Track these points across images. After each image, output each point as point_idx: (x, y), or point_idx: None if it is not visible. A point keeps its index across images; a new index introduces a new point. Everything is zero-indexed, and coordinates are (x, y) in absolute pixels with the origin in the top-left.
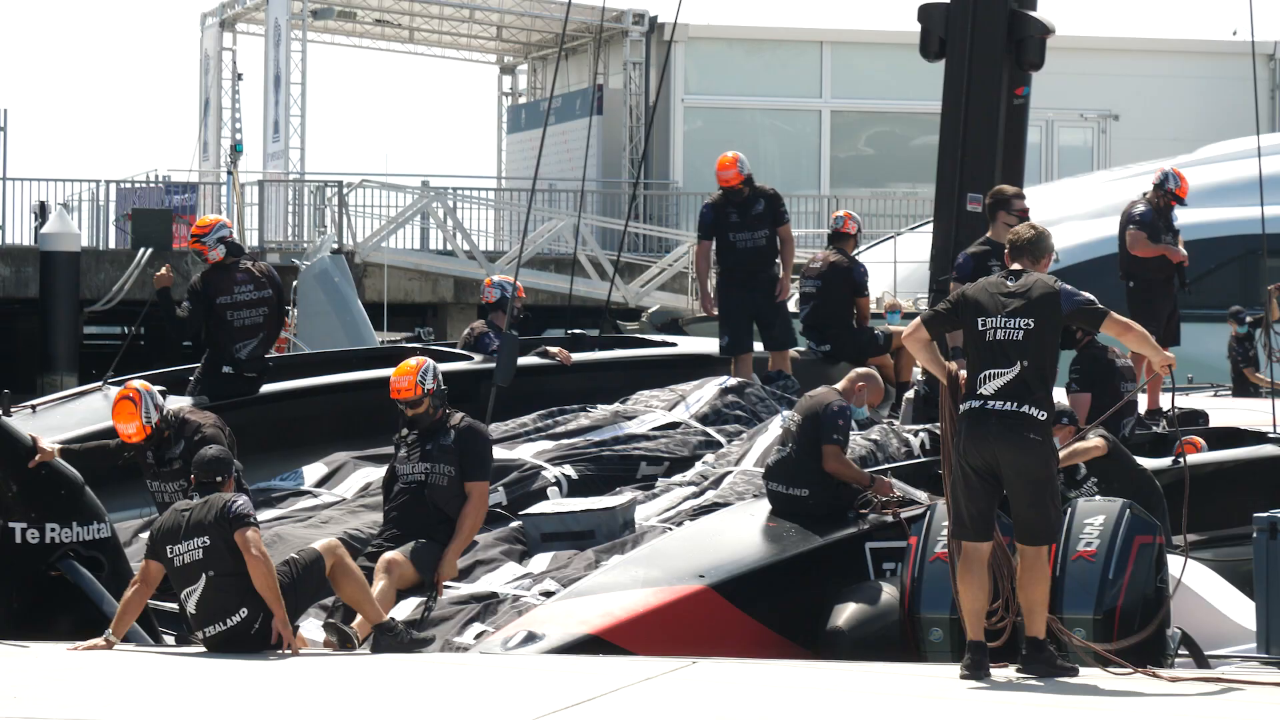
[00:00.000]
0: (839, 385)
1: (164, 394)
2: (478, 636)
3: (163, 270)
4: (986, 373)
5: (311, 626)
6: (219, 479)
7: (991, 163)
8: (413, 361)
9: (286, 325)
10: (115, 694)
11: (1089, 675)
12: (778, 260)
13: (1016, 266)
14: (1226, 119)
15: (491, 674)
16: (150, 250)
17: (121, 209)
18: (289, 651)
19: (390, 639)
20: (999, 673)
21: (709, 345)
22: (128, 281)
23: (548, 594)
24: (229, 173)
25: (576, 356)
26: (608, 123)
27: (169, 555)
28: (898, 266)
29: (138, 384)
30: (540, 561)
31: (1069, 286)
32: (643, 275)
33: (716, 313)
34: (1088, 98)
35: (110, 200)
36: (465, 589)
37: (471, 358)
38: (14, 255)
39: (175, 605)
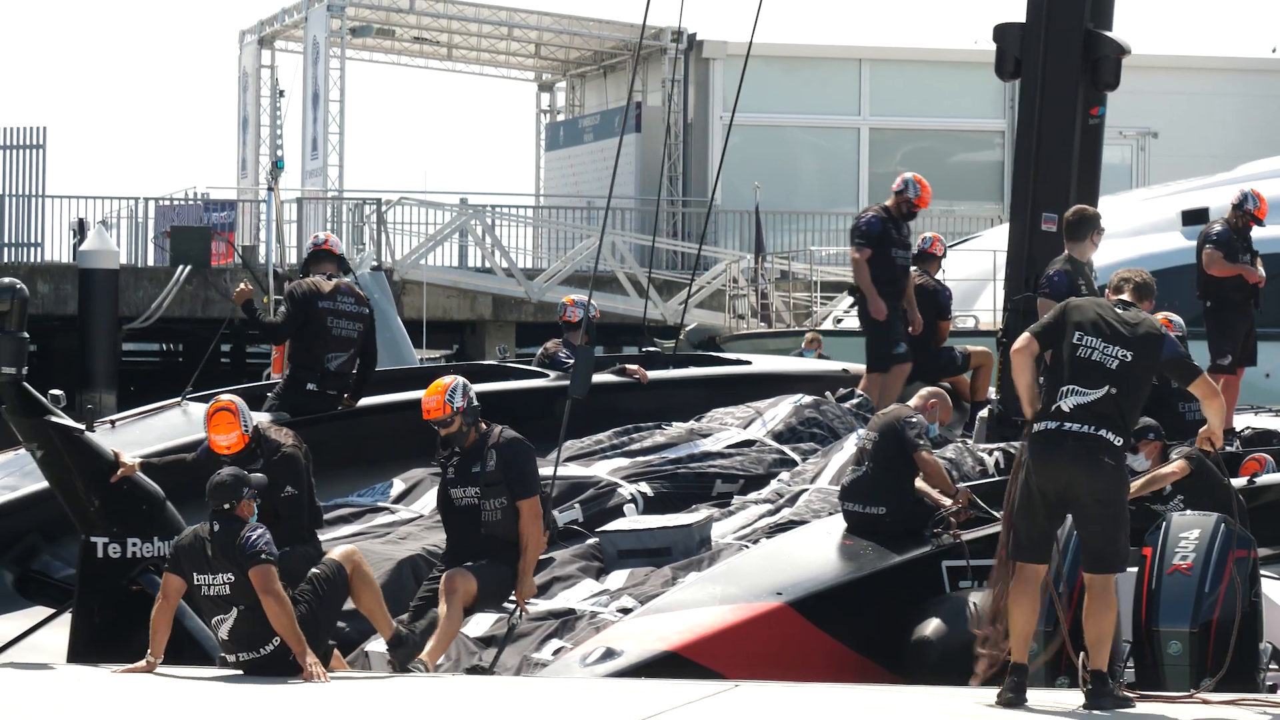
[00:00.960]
0: (911, 403)
1: None
2: (556, 653)
3: (241, 285)
4: (1069, 388)
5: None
6: (227, 506)
7: (1066, 182)
8: (443, 380)
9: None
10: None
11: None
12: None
13: (1127, 298)
14: (1266, 136)
15: (530, 695)
16: (189, 267)
17: (160, 226)
18: (320, 681)
19: (406, 650)
20: (1039, 696)
21: (783, 364)
22: (166, 299)
23: (625, 610)
24: (270, 189)
25: (652, 374)
26: (646, 140)
27: (195, 582)
28: None
29: (232, 396)
30: (617, 578)
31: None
32: (681, 293)
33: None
34: (1127, 115)
35: (149, 217)
36: (543, 605)
37: (548, 374)
38: (53, 272)
39: None
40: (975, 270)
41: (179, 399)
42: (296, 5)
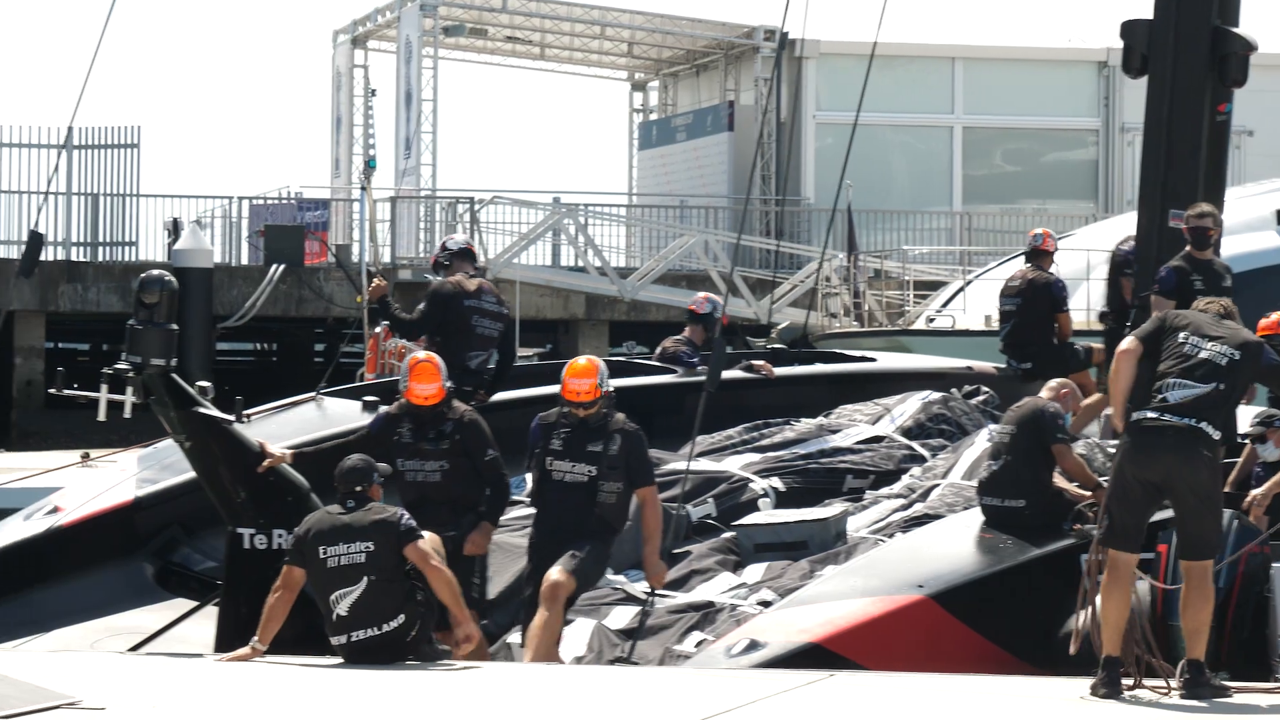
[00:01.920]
0: (1043, 394)
1: (376, 404)
2: (698, 645)
3: (376, 281)
4: (1177, 381)
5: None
6: (359, 488)
7: (1194, 179)
8: (581, 361)
9: (420, 341)
10: (253, 705)
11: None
12: None
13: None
14: None
15: (631, 684)
16: (283, 266)
17: (254, 225)
18: (469, 646)
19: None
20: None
21: (908, 361)
22: (260, 298)
23: (765, 603)
24: (363, 188)
25: (778, 370)
26: (739, 139)
27: (322, 556)
28: None
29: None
30: (754, 572)
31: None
32: (775, 291)
33: None
34: None
35: (243, 217)
36: (682, 598)
37: (675, 371)
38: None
39: None
40: (1069, 269)
41: (313, 394)
42: (389, 5)
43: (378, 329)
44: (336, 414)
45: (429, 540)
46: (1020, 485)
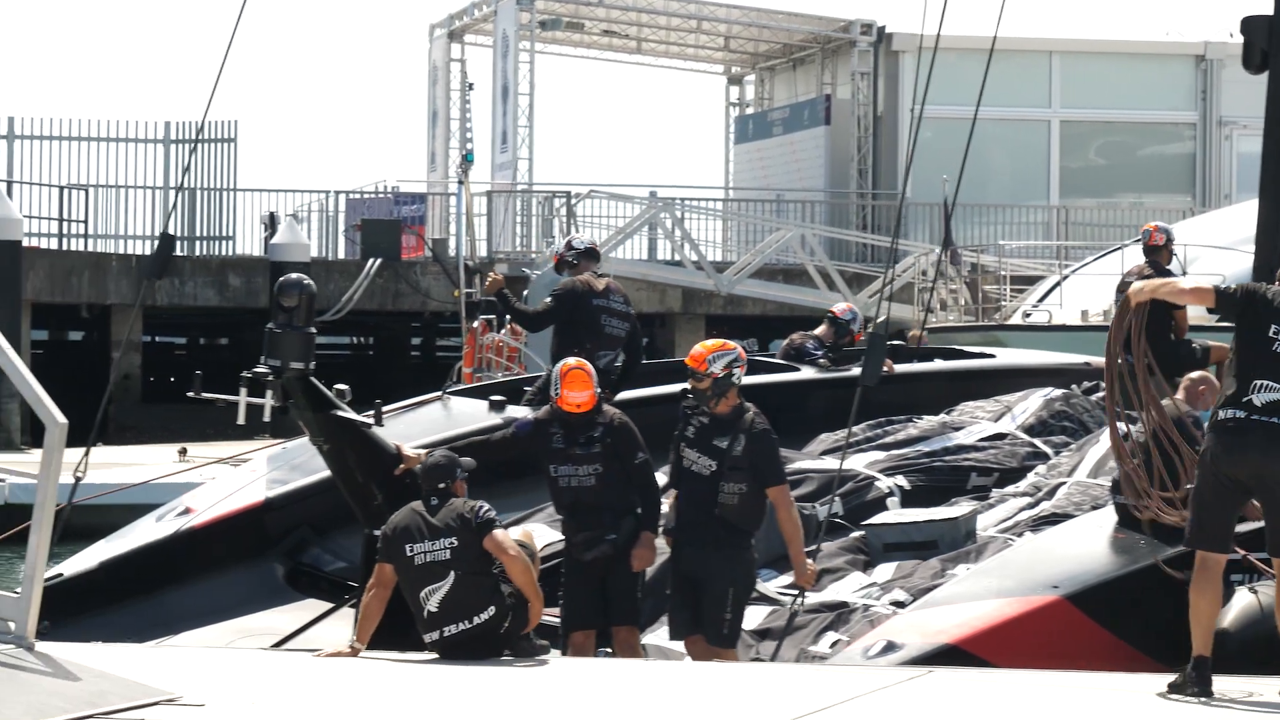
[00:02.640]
0: (1179, 393)
1: (503, 404)
2: (833, 645)
3: (493, 275)
4: (1261, 383)
5: None
6: (442, 485)
7: None
8: (715, 343)
9: (517, 335)
10: (349, 702)
11: None
12: None
13: None
14: None
15: (721, 681)
16: (379, 260)
17: (351, 219)
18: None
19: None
20: (1224, 685)
21: (1026, 357)
22: (357, 292)
23: (898, 603)
24: (459, 182)
25: (898, 367)
26: (835, 133)
27: (409, 554)
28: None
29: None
30: (884, 571)
31: None
32: (871, 285)
33: None
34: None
35: (339, 211)
36: (814, 598)
37: (797, 368)
38: (244, 266)
39: None
40: None
41: (439, 393)
42: None
43: (475, 323)
44: (464, 414)
45: (509, 534)
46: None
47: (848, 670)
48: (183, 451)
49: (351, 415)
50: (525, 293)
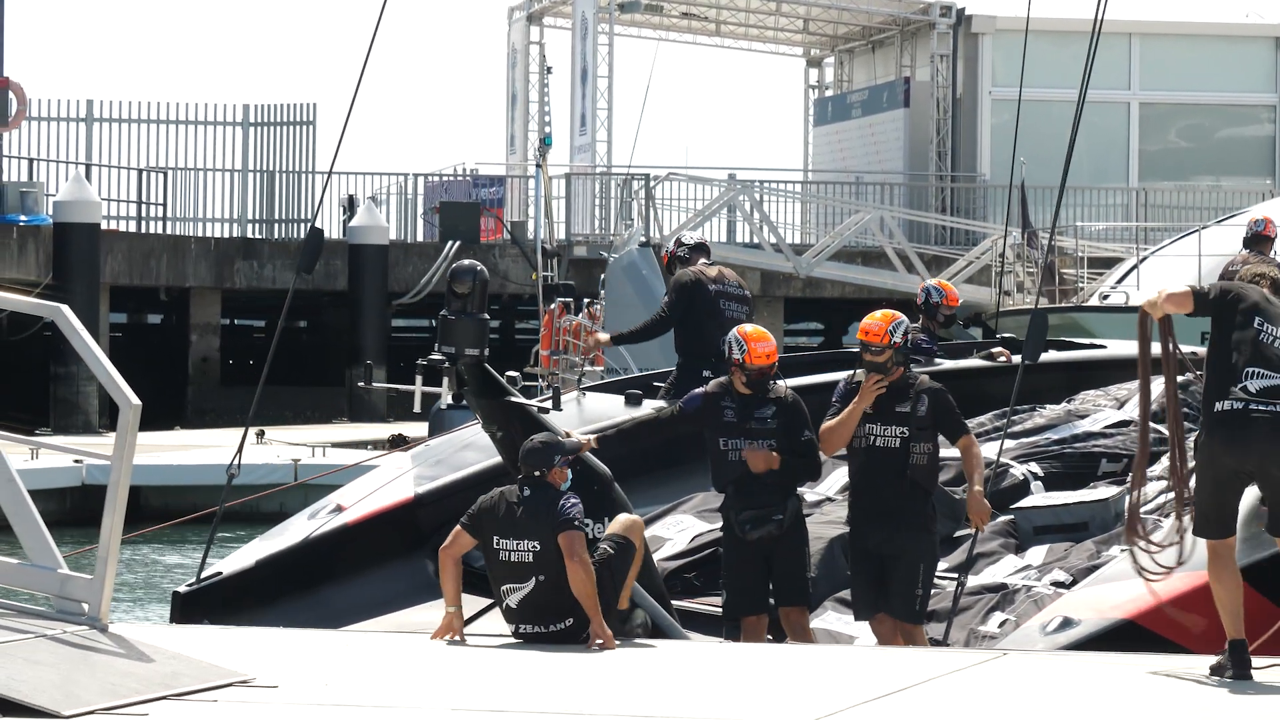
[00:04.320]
0: None
1: (639, 398)
2: (1001, 625)
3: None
4: (1254, 370)
5: None
6: (537, 473)
7: None
8: (886, 313)
9: (595, 318)
10: (423, 683)
11: None
12: None
13: (1268, 293)
14: None
15: (794, 663)
16: (458, 243)
17: (429, 202)
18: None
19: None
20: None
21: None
22: (435, 274)
23: (1058, 584)
24: (538, 165)
25: (1015, 358)
26: (914, 115)
27: (495, 546)
28: (1202, 260)
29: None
30: (1036, 554)
31: None
32: (950, 268)
33: None
34: None
35: (418, 193)
36: (974, 580)
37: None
38: (324, 248)
39: None
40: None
41: (575, 391)
42: None
43: (552, 305)
44: (599, 410)
45: (582, 538)
46: None
47: (920, 652)
48: (260, 434)
49: (525, 401)
50: (603, 276)
